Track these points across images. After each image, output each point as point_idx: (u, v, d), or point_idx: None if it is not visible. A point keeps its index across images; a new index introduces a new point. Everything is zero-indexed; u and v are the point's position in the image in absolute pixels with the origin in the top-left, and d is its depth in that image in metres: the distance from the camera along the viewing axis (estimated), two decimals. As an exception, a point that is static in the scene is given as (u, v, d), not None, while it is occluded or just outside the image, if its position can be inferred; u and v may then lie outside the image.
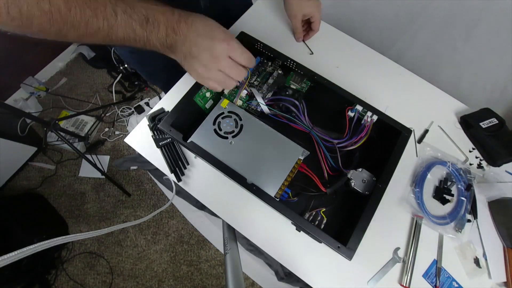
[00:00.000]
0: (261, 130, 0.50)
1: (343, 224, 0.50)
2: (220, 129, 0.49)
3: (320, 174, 0.51)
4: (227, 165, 0.46)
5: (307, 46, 0.69)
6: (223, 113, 0.51)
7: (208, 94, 0.53)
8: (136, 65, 0.74)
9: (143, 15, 0.35)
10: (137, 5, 0.35)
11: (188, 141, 0.48)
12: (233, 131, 0.49)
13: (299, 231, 0.51)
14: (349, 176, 0.49)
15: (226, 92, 0.53)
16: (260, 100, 0.52)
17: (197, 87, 0.51)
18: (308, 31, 0.66)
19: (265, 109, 0.52)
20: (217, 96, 0.54)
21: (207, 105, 0.54)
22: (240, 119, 0.50)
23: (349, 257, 0.42)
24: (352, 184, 0.48)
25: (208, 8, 0.66)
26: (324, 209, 0.51)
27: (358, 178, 0.49)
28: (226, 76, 0.42)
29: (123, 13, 0.34)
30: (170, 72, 0.74)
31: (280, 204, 0.44)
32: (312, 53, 0.68)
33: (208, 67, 0.40)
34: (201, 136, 0.49)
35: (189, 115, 0.51)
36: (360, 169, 0.49)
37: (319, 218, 0.50)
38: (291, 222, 0.47)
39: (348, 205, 0.52)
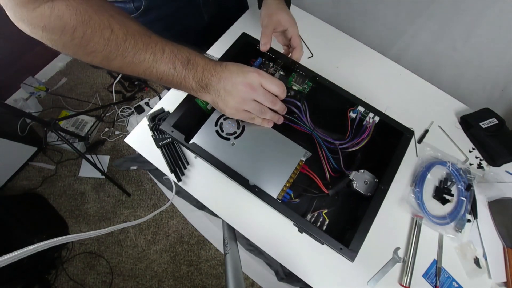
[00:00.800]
0: (263, 131, 0.50)
1: (345, 226, 0.50)
2: (222, 130, 0.49)
3: (322, 175, 0.51)
4: (229, 167, 0.46)
5: (308, 48, 0.68)
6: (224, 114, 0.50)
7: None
8: None
9: (186, 57, 0.40)
10: (183, 48, 0.41)
11: (190, 142, 0.47)
12: (235, 132, 0.49)
13: (301, 233, 0.51)
14: (351, 177, 0.49)
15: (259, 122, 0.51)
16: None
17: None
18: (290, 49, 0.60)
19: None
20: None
21: (209, 106, 0.54)
22: (242, 121, 0.50)
23: (352, 258, 0.42)
24: (354, 185, 0.48)
25: (206, 5, 0.66)
26: (326, 211, 0.51)
27: (360, 179, 0.49)
28: (261, 106, 0.45)
29: (170, 52, 0.39)
30: None
31: (282, 205, 0.44)
32: (312, 55, 0.68)
33: (243, 99, 0.43)
34: (203, 137, 0.49)
35: (191, 116, 0.51)
36: (362, 170, 0.49)
37: (321, 219, 0.50)
38: (293, 224, 0.47)
39: (350, 207, 0.52)
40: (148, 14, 0.59)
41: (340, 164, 0.50)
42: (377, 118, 0.51)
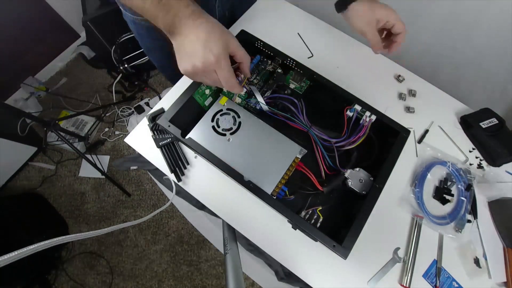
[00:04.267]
0: (259, 128, 0.50)
1: (339, 223, 0.50)
2: (219, 126, 0.50)
3: (318, 173, 0.51)
4: (225, 162, 0.46)
5: (308, 49, 0.68)
6: (221, 110, 0.51)
7: (207, 91, 0.53)
8: (136, 36, 0.73)
9: None
10: None
11: (186, 138, 0.48)
12: (231, 128, 0.50)
13: (295, 229, 0.51)
14: (346, 175, 0.49)
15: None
16: (259, 98, 0.52)
17: (196, 84, 0.51)
18: (389, 42, 0.58)
19: (264, 107, 0.52)
20: (216, 94, 0.54)
21: (206, 102, 0.54)
22: (239, 117, 0.50)
23: (344, 256, 0.42)
24: (349, 183, 0.48)
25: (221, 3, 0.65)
26: (320, 208, 0.51)
27: (355, 178, 0.49)
28: (210, 83, 0.43)
29: None
30: (167, 54, 0.74)
31: (277, 202, 0.44)
32: (312, 56, 0.68)
33: (194, 72, 0.41)
34: (200, 132, 0.49)
35: (188, 112, 0.51)
36: (357, 169, 0.50)
37: (315, 216, 0.50)
38: (287, 220, 0.47)
39: (345, 205, 0.52)
40: None
41: (336, 162, 0.51)
42: (373, 117, 0.51)
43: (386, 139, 0.52)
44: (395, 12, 0.53)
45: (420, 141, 0.61)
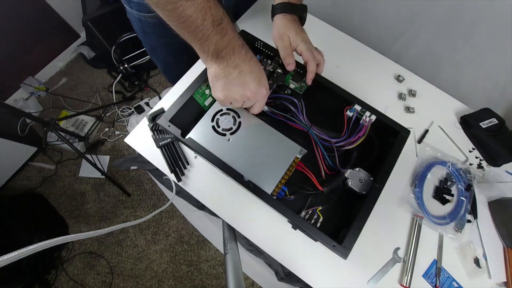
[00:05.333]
0: (259, 128, 0.50)
1: (339, 223, 0.51)
2: (219, 126, 0.50)
3: (318, 173, 0.51)
4: (225, 162, 0.46)
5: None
6: (221, 110, 0.51)
7: (207, 92, 0.53)
8: (140, 35, 0.73)
9: (220, 17, 0.37)
10: (218, 4, 0.37)
11: (186, 138, 0.48)
12: (231, 128, 0.50)
13: (295, 229, 0.51)
14: (346, 175, 0.49)
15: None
16: None
17: (196, 84, 0.51)
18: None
19: (264, 107, 0.52)
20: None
21: (206, 102, 0.54)
22: (239, 117, 0.50)
23: (344, 256, 0.42)
24: (349, 183, 0.48)
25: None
26: (320, 208, 0.51)
27: (355, 178, 0.49)
28: (240, 103, 0.47)
29: (206, 0, 0.35)
30: (171, 52, 0.74)
31: (277, 202, 0.44)
32: None
33: (238, 99, 0.44)
34: (200, 132, 0.49)
35: (188, 112, 0.51)
36: (357, 169, 0.50)
37: (315, 216, 0.50)
38: (287, 220, 0.47)
39: (345, 204, 0.52)
40: None
41: (336, 162, 0.51)
42: (373, 117, 0.51)
43: (386, 139, 0.52)
44: (305, 42, 0.51)
45: (420, 141, 0.61)
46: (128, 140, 0.59)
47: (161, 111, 0.60)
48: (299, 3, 0.56)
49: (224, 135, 0.49)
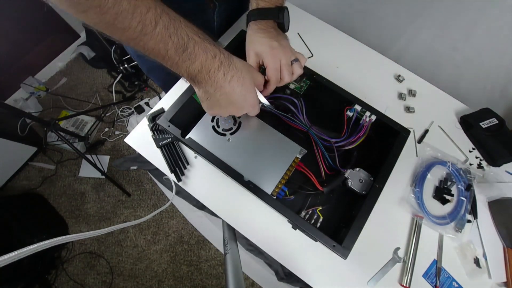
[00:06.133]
0: (259, 128, 0.50)
1: (339, 223, 0.51)
2: (218, 126, 0.50)
3: (318, 173, 0.51)
4: (225, 162, 0.46)
5: (308, 48, 0.68)
6: None
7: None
8: (136, 58, 0.73)
9: (184, 42, 0.33)
10: (182, 28, 0.33)
11: (186, 138, 0.48)
12: (231, 128, 0.50)
13: (295, 229, 0.51)
14: (346, 175, 0.49)
15: None
16: (260, 97, 0.52)
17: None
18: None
19: (266, 102, 0.52)
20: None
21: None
22: (239, 117, 0.50)
23: (344, 256, 0.42)
24: (349, 183, 0.48)
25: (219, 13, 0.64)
26: (320, 208, 0.51)
27: (355, 178, 0.49)
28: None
29: (164, 28, 0.31)
30: (169, 71, 0.74)
31: (277, 202, 0.44)
32: (312, 56, 0.68)
33: (229, 114, 0.43)
34: (199, 132, 0.49)
35: (188, 112, 0.51)
36: (357, 169, 0.50)
37: (315, 216, 0.50)
38: (287, 220, 0.47)
39: (345, 204, 0.52)
40: None
41: (336, 162, 0.51)
42: (373, 117, 0.51)
43: (386, 139, 0.52)
44: (268, 56, 0.45)
45: (420, 141, 0.61)
46: (128, 140, 0.59)
47: (161, 111, 0.60)
48: (275, 6, 0.47)
49: (224, 135, 0.49)
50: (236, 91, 0.39)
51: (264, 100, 0.46)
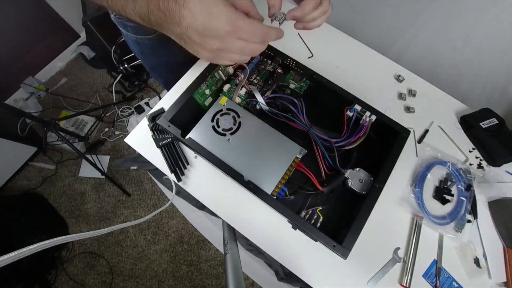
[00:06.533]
0: (259, 128, 0.50)
1: (339, 223, 0.51)
2: (219, 126, 0.50)
3: (318, 173, 0.51)
4: (225, 162, 0.46)
5: (308, 48, 0.68)
6: (221, 110, 0.51)
7: (207, 91, 0.53)
8: (139, 56, 0.72)
9: None
10: None
11: (186, 138, 0.48)
12: (231, 128, 0.50)
13: (295, 229, 0.51)
14: (346, 175, 0.49)
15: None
16: (259, 98, 0.52)
17: (196, 84, 0.51)
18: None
19: (264, 107, 0.52)
20: (216, 93, 0.54)
21: (206, 102, 0.54)
22: (239, 117, 0.50)
23: (344, 256, 0.42)
24: (349, 183, 0.48)
25: None
26: (320, 208, 0.51)
27: (355, 178, 0.49)
28: (239, 56, 0.36)
29: None
30: (172, 69, 0.74)
31: (277, 202, 0.44)
32: (312, 56, 0.68)
33: (216, 53, 0.34)
34: (199, 132, 0.49)
35: (188, 112, 0.51)
36: (357, 169, 0.50)
37: (315, 216, 0.50)
38: (287, 220, 0.47)
39: (345, 205, 0.52)
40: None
41: (336, 162, 0.51)
42: (374, 117, 0.51)
43: (386, 139, 0.52)
44: None
45: (420, 141, 0.61)
46: (128, 140, 0.59)
47: (161, 111, 0.60)
48: None
49: (224, 135, 0.49)
50: (196, 12, 0.30)
51: (260, 99, 0.44)
